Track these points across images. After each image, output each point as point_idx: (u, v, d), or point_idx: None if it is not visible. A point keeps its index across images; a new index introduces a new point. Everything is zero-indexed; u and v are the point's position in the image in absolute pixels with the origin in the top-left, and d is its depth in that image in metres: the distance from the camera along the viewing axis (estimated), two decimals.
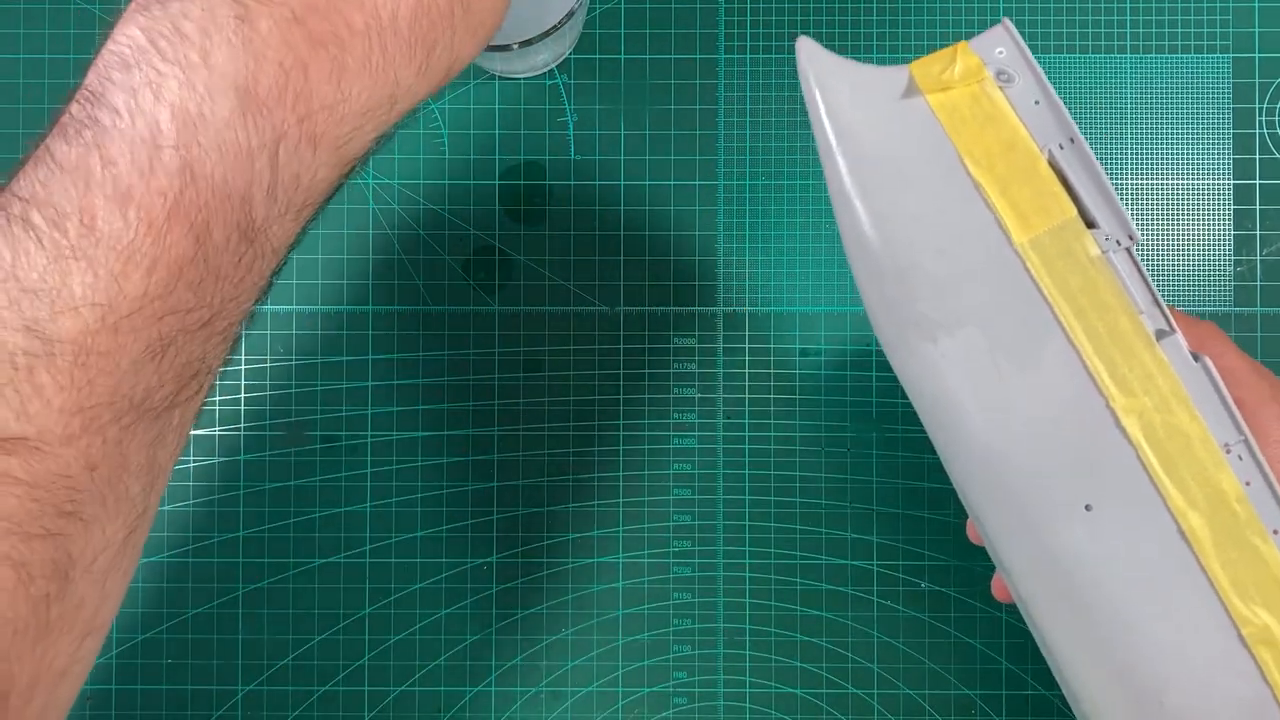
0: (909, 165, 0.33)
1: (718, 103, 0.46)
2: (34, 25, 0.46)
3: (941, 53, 0.33)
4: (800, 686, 0.45)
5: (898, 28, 0.46)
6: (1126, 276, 0.31)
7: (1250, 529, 0.30)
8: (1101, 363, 0.31)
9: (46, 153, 0.23)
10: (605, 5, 0.46)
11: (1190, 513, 0.31)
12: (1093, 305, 0.31)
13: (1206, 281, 0.46)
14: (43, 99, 0.46)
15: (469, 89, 0.46)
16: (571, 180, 0.46)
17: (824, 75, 0.33)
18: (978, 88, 0.33)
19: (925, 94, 0.33)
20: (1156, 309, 0.31)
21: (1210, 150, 0.46)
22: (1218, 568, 0.30)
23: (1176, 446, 0.31)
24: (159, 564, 0.45)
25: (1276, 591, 0.30)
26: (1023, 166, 0.32)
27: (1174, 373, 0.31)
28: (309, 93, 0.24)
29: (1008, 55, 0.33)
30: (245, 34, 0.23)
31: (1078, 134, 0.32)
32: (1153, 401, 0.31)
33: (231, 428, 0.46)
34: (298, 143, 0.25)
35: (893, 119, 0.33)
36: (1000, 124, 0.32)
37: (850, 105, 0.33)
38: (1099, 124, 0.46)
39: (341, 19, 0.24)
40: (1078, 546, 0.32)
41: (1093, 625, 0.32)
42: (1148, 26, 0.46)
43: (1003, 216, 0.32)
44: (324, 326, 0.46)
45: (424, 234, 0.46)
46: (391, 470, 0.46)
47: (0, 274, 0.22)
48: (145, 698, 0.45)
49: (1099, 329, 0.31)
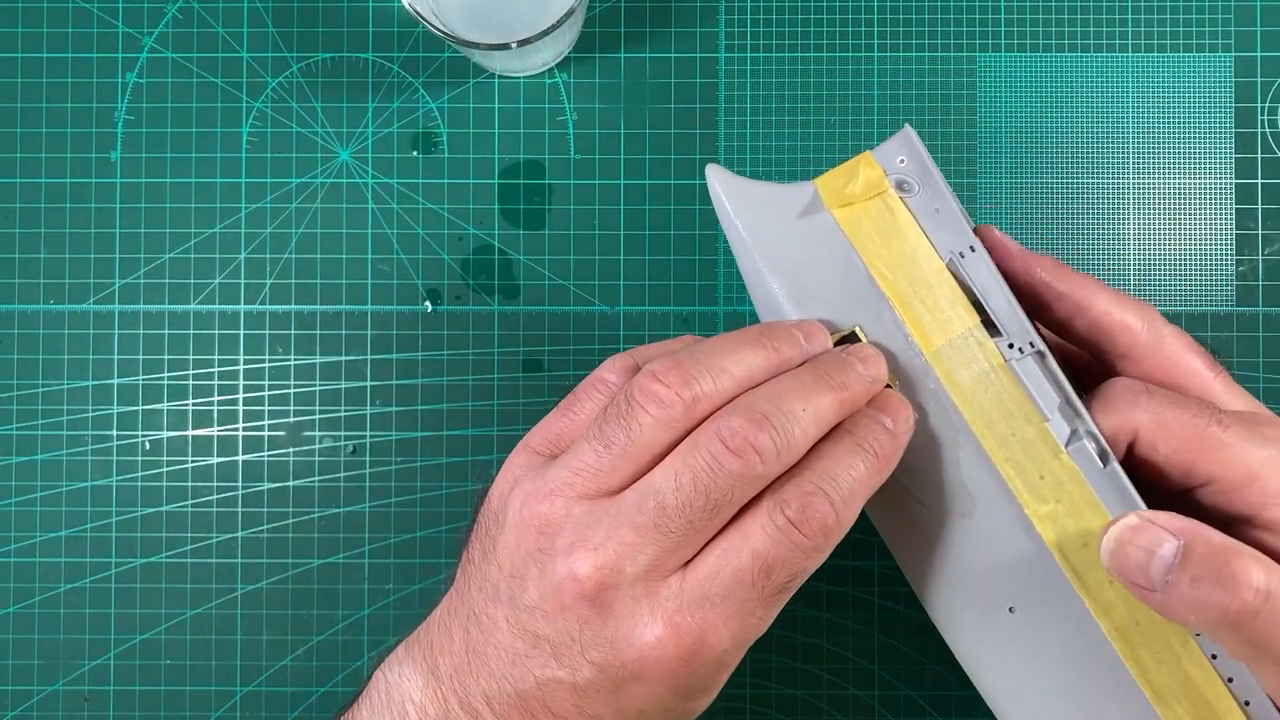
0: (825, 276, 0.33)
1: (718, 102, 0.46)
2: (33, 24, 0.46)
3: (846, 165, 0.33)
4: (800, 687, 0.45)
5: (898, 26, 0.46)
6: (1030, 383, 0.31)
7: (1170, 631, 0.30)
8: (1013, 470, 0.31)
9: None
10: (605, 4, 0.46)
11: (1107, 616, 0.31)
12: (1000, 414, 0.31)
13: (1208, 281, 0.46)
14: (41, 99, 0.46)
15: (468, 88, 0.46)
16: (571, 180, 0.46)
17: (737, 198, 0.34)
18: (879, 200, 0.33)
19: (830, 210, 0.33)
20: (1070, 409, 0.31)
21: (1212, 149, 0.46)
22: (1138, 670, 0.30)
23: (1091, 552, 0.31)
24: (157, 564, 0.45)
25: (1199, 693, 0.30)
26: (925, 277, 0.32)
27: (1083, 479, 0.31)
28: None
29: (909, 164, 0.33)
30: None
31: (977, 241, 0.32)
32: (1065, 508, 0.31)
33: (231, 428, 0.46)
34: None
35: (805, 234, 0.33)
36: (902, 235, 0.33)
37: (766, 224, 0.34)
38: (1099, 124, 0.46)
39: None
40: (1004, 647, 0.32)
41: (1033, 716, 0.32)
42: (1149, 25, 0.46)
43: (910, 328, 0.32)
44: (323, 326, 0.46)
45: (423, 234, 0.46)
46: (391, 470, 0.46)
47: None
48: (143, 698, 0.45)
49: (1008, 437, 0.31)
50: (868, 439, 0.30)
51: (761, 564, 0.29)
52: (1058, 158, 0.46)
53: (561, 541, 0.30)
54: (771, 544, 0.29)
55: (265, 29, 0.46)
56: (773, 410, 0.29)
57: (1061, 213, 0.46)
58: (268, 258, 0.46)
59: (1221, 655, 0.30)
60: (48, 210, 0.46)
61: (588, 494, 0.30)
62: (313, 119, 0.46)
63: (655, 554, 0.29)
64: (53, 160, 0.46)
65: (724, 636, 0.29)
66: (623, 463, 0.30)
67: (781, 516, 0.29)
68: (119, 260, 0.46)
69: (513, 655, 0.30)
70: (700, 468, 0.29)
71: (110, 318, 0.46)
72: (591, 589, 0.29)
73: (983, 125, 0.46)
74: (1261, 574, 0.27)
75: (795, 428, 0.29)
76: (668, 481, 0.29)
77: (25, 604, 0.45)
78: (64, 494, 0.45)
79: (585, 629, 0.30)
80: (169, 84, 0.46)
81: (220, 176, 0.46)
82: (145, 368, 0.46)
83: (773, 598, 0.30)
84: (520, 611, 0.30)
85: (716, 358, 0.30)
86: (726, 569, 0.29)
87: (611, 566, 0.29)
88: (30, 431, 0.46)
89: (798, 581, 0.30)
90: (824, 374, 0.31)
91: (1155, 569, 0.28)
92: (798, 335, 0.32)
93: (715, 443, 0.29)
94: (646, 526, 0.29)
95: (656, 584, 0.29)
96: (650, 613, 0.29)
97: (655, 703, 0.30)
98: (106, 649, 0.45)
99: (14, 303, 0.46)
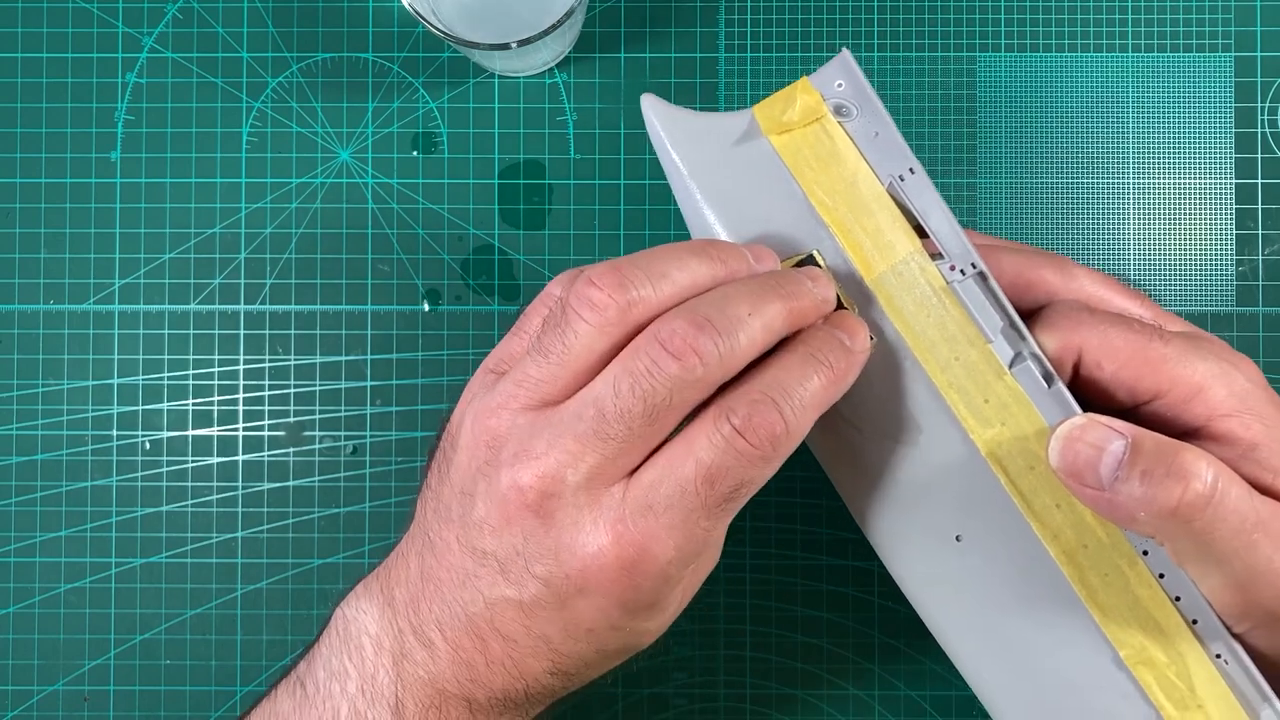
0: (764, 205, 0.32)
1: (718, 101, 0.46)
2: (33, 24, 0.46)
3: (783, 92, 0.33)
4: (801, 687, 0.45)
5: (899, 26, 0.46)
6: (973, 305, 0.31)
7: (1117, 552, 0.30)
8: (957, 395, 0.31)
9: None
10: (605, 3, 0.46)
11: (1055, 540, 0.30)
12: (943, 338, 0.31)
13: (1208, 281, 0.46)
14: (41, 99, 0.46)
15: (468, 87, 0.46)
16: (571, 180, 0.46)
17: (673, 127, 0.33)
18: (818, 126, 0.32)
19: (768, 136, 0.33)
20: (1013, 332, 0.31)
21: (1212, 149, 0.46)
22: (1086, 593, 0.30)
23: (1038, 475, 0.30)
24: (157, 564, 0.45)
25: (1148, 613, 0.30)
26: (865, 202, 0.32)
27: (1028, 400, 0.30)
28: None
29: (847, 88, 0.32)
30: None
31: (917, 164, 0.31)
32: (1010, 431, 0.30)
33: (230, 428, 0.46)
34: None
35: (743, 163, 0.33)
36: (841, 161, 0.32)
37: (702, 153, 0.33)
38: (1099, 124, 0.46)
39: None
40: (952, 575, 0.32)
41: (983, 650, 0.32)
42: (1149, 25, 0.46)
43: (850, 255, 0.32)
44: (323, 326, 0.46)
45: (423, 233, 0.46)
46: (391, 470, 0.46)
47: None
48: (143, 698, 0.45)
49: (951, 361, 0.31)
50: (823, 351, 0.30)
51: (705, 473, 0.28)
52: (1058, 158, 0.46)
53: (506, 453, 0.30)
54: (716, 452, 0.28)
55: (265, 29, 0.46)
56: (716, 314, 0.29)
57: (1061, 213, 0.46)
58: (268, 258, 0.46)
59: (1169, 573, 0.30)
60: (48, 210, 0.46)
61: (530, 404, 0.30)
62: (313, 119, 0.46)
63: (597, 461, 0.29)
64: (53, 160, 0.46)
65: (668, 546, 0.29)
66: (561, 371, 0.30)
67: (727, 425, 0.28)
68: (119, 260, 0.46)
69: (462, 576, 0.30)
70: (639, 371, 0.28)
71: (110, 318, 0.46)
72: (534, 498, 0.29)
73: (983, 125, 0.46)
74: (1209, 467, 0.27)
75: (740, 332, 0.29)
76: (607, 388, 0.29)
77: (25, 604, 0.45)
78: (64, 494, 0.45)
79: (529, 541, 0.29)
80: (169, 84, 0.46)
81: (220, 176, 0.46)
82: (145, 368, 0.46)
83: (717, 508, 0.29)
84: (469, 529, 0.30)
85: (657, 263, 0.30)
86: (670, 478, 0.29)
87: (553, 475, 0.29)
88: (30, 431, 0.46)
89: (745, 492, 0.29)
90: (773, 283, 0.30)
91: (1105, 465, 0.28)
92: (746, 254, 0.31)
93: (654, 346, 0.28)
94: (587, 434, 0.29)
95: (599, 492, 0.29)
96: (593, 522, 0.29)
97: (602, 618, 0.30)
98: (106, 649, 0.45)
99: (14, 303, 0.46)
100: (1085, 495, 0.29)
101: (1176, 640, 0.29)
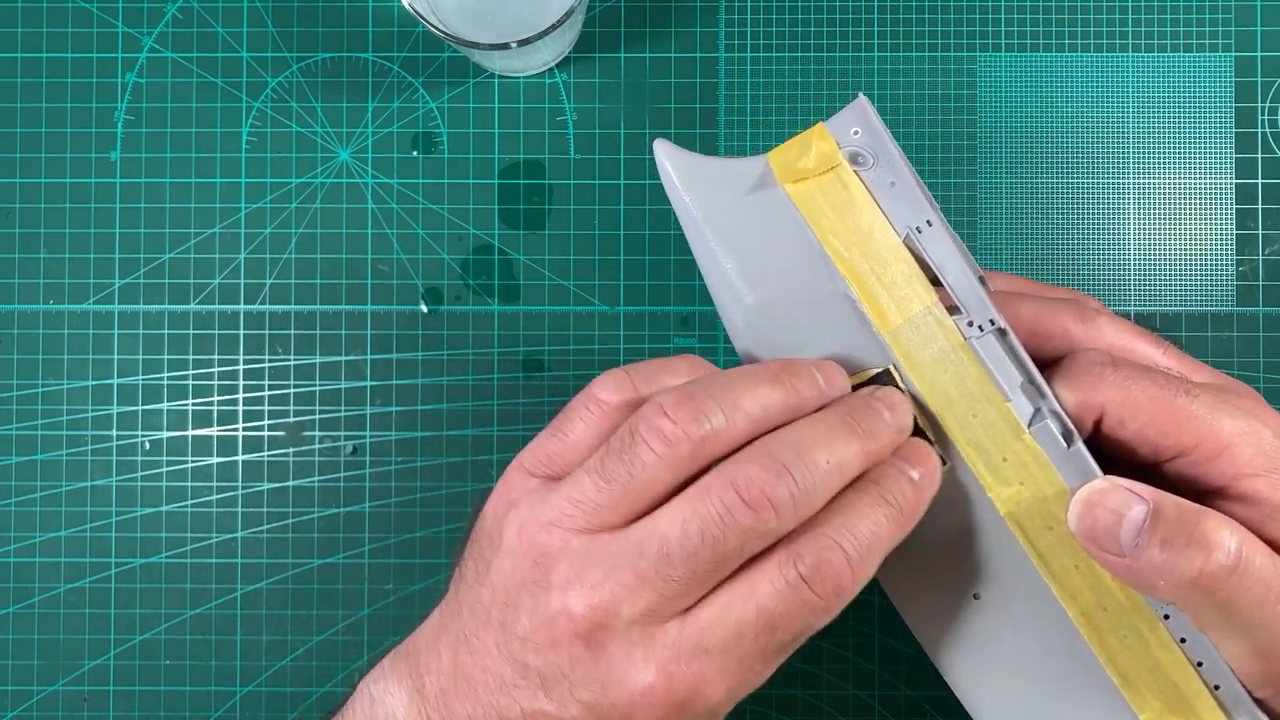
0: (779, 254, 0.32)
1: (718, 101, 0.46)
2: (33, 24, 0.46)
3: (798, 138, 0.32)
4: (801, 688, 0.45)
5: (898, 26, 0.46)
6: (991, 362, 0.30)
7: (1138, 616, 0.29)
8: (975, 452, 0.30)
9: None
10: (605, 4, 0.46)
11: (1074, 601, 0.30)
12: (960, 394, 0.30)
13: (1208, 281, 0.46)
14: (41, 99, 0.46)
15: (468, 87, 0.46)
16: (571, 180, 0.46)
17: (686, 173, 0.33)
18: (833, 174, 0.31)
19: (783, 185, 0.32)
20: (1033, 388, 0.30)
21: (1212, 149, 0.46)
22: (1106, 655, 0.30)
23: (1057, 536, 0.30)
24: (157, 565, 0.45)
25: (1169, 678, 0.29)
26: (881, 254, 0.31)
27: (1047, 460, 0.30)
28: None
29: (864, 135, 0.32)
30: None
31: (935, 215, 0.31)
32: (1029, 490, 0.30)
33: (230, 428, 0.46)
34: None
35: (758, 211, 0.32)
36: (857, 211, 0.31)
37: (716, 200, 0.32)
38: (1099, 124, 0.46)
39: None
40: (970, 633, 0.31)
41: (1001, 709, 0.31)
42: (1149, 25, 0.46)
43: (867, 307, 0.31)
44: (323, 326, 0.46)
45: (423, 233, 0.46)
46: (390, 470, 0.46)
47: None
48: (143, 699, 0.45)
49: (969, 418, 0.30)
50: (893, 492, 0.29)
51: (766, 620, 0.28)
52: (1058, 158, 0.46)
53: (558, 575, 0.29)
54: (779, 600, 0.27)
55: (265, 29, 0.46)
56: (794, 460, 0.27)
57: (1062, 212, 0.46)
58: (268, 258, 0.46)
59: (1191, 638, 0.29)
60: (48, 210, 0.46)
61: (587, 528, 0.29)
62: (312, 119, 0.46)
63: (655, 600, 0.28)
64: (53, 160, 0.46)
65: (719, 689, 0.28)
66: (623, 500, 0.29)
67: (794, 572, 0.27)
68: (119, 260, 0.46)
69: (500, 682, 0.30)
70: (710, 517, 0.27)
71: (110, 318, 0.46)
72: (585, 628, 0.28)
73: (983, 125, 0.46)
74: (1232, 535, 0.27)
75: (816, 480, 0.28)
76: (674, 528, 0.28)
77: (25, 604, 0.45)
78: (64, 494, 0.45)
79: (576, 666, 0.29)
80: (169, 84, 0.46)
81: (220, 176, 0.46)
82: (145, 368, 0.46)
83: (774, 655, 0.28)
84: (511, 640, 0.29)
85: (730, 392, 0.29)
86: (728, 621, 0.28)
87: (607, 608, 0.28)
88: (30, 431, 0.46)
89: (801, 639, 0.29)
90: (851, 421, 0.29)
91: (1125, 532, 0.27)
92: (817, 376, 0.30)
93: (729, 492, 0.27)
94: (648, 572, 0.28)
95: (653, 629, 0.28)
96: (645, 658, 0.28)
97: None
98: (106, 649, 0.45)
99: (14, 303, 0.46)
100: (1105, 561, 0.28)
101: (1198, 706, 0.29)
